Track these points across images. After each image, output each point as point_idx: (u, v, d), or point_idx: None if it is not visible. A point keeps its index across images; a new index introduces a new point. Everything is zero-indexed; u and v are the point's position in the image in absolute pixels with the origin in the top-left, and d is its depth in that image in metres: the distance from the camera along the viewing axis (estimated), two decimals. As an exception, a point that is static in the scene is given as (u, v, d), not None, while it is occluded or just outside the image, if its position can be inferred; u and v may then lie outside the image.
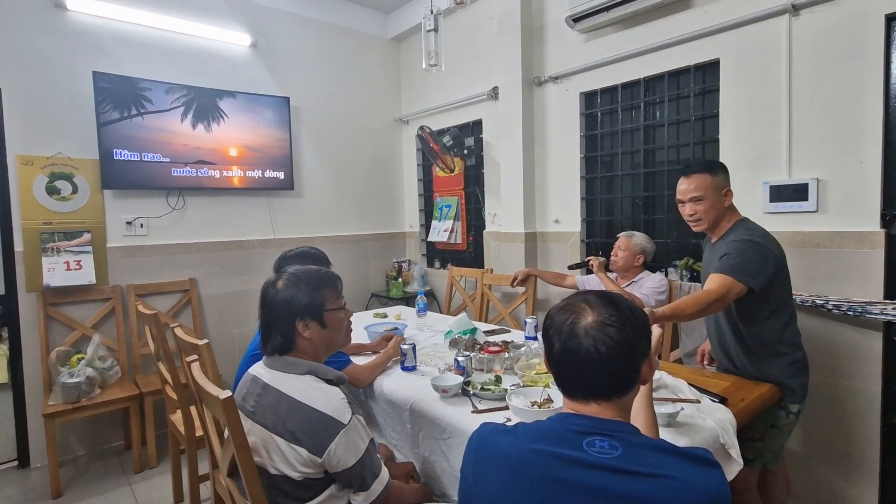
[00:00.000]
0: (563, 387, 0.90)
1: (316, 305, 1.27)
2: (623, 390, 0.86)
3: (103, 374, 2.66)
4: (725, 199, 1.75)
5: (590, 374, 0.85)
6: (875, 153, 1.92)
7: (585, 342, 0.84)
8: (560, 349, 0.87)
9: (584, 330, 0.85)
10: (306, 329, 1.26)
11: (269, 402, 1.21)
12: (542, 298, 3.17)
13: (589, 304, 0.88)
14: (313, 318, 1.27)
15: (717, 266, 1.63)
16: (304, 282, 1.29)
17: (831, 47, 2.00)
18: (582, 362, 0.84)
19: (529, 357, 1.84)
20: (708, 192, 1.73)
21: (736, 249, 1.63)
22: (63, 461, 2.73)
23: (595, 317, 0.85)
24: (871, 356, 1.98)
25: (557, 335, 0.88)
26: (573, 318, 0.87)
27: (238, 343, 3.34)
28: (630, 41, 2.65)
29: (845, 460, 2.08)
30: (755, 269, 1.60)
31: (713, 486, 0.78)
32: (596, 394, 0.86)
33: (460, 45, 3.59)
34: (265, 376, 1.26)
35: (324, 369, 1.27)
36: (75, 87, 2.77)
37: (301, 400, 1.18)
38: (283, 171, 3.48)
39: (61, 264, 2.70)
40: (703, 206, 1.74)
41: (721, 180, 1.75)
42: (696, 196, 1.74)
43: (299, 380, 1.23)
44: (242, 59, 3.39)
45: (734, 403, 1.48)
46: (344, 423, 1.15)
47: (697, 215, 1.76)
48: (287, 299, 1.26)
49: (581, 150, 2.98)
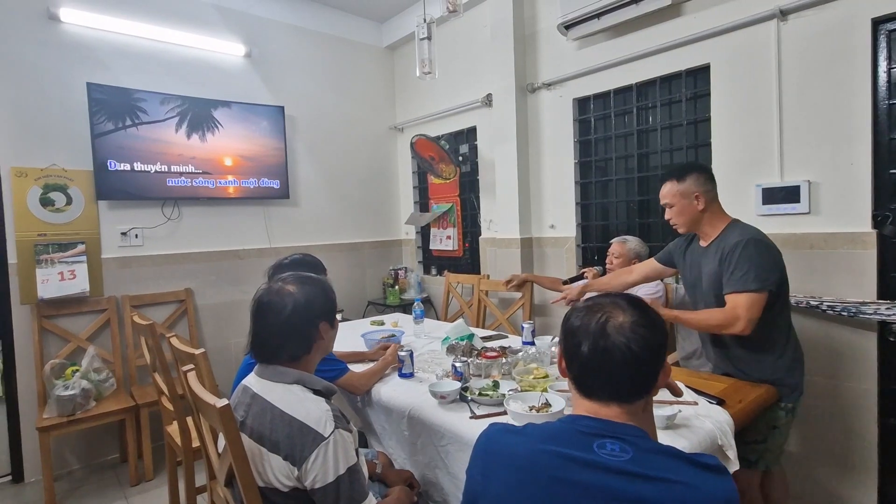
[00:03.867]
0: (585, 389, 0.88)
1: (332, 305, 1.31)
2: (646, 392, 0.86)
3: (98, 386, 2.64)
4: (697, 203, 1.73)
5: (619, 374, 0.84)
6: (865, 155, 1.95)
7: (619, 340, 0.83)
8: (591, 348, 0.85)
9: (617, 329, 0.84)
10: (328, 329, 1.29)
11: (256, 413, 1.19)
12: (538, 304, 3.17)
13: (618, 306, 0.87)
14: (329, 319, 1.29)
15: (731, 284, 1.59)
16: (311, 284, 1.29)
17: (819, 51, 2.03)
18: (614, 361, 0.84)
19: (527, 362, 1.83)
20: (675, 198, 1.76)
21: (736, 262, 1.60)
22: (58, 475, 2.70)
23: (626, 317, 0.85)
24: (867, 356, 1.99)
25: (586, 335, 0.86)
26: (604, 317, 0.86)
27: (234, 353, 3.33)
28: (622, 47, 2.68)
29: (843, 460, 2.08)
30: (762, 270, 1.58)
31: (721, 493, 0.78)
32: (620, 395, 0.85)
33: (454, 53, 3.62)
34: (255, 386, 1.24)
35: (312, 379, 1.24)
36: (69, 99, 2.77)
37: (284, 410, 1.16)
38: (278, 179, 3.48)
39: (55, 276, 2.69)
40: (673, 212, 1.79)
41: (690, 185, 1.73)
42: (665, 203, 1.80)
43: (286, 389, 1.20)
44: (237, 69, 3.40)
45: (732, 405, 1.48)
46: (324, 436, 1.11)
47: (672, 220, 1.81)
48: (307, 299, 1.25)
49: (575, 156, 3.00)
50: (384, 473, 1.56)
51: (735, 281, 1.60)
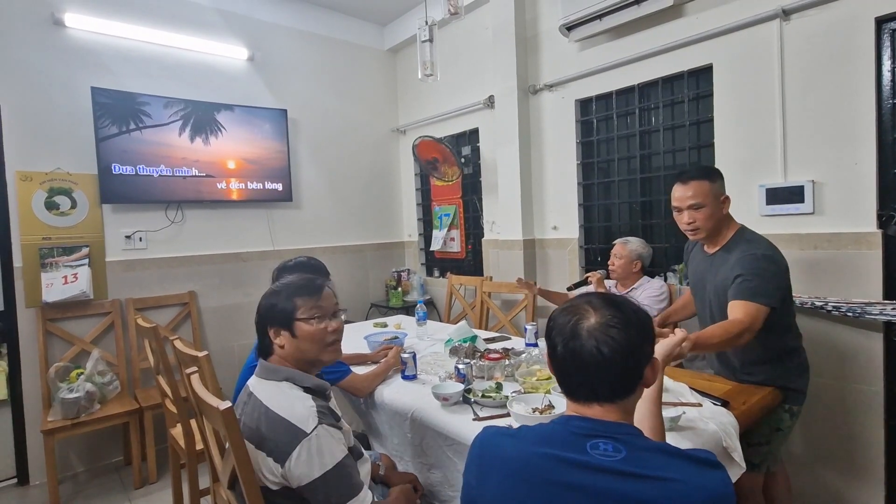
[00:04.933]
0: (565, 388, 0.90)
1: (286, 313, 1.25)
2: (625, 392, 0.86)
3: (102, 388, 2.64)
4: (724, 207, 1.70)
5: (592, 376, 0.85)
6: (869, 154, 1.94)
7: (588, 343, 0.84)
8: (563, 350, 0.87)
9: (587, 331, 0.85)
10: (277, 336, 1.26)
11: (249, 411, 1.20)
12: (541, 305, 3.16)
13: (592, 306, 0.88)
14: (282, 326, 1.25)
15: (737, 291, 1.56)
16: (283, 288, 1.29)
17: (823, 51, 2.02)
18: (584, 363, 0.84)
19: (530, 364, 1.83)
20: (707, 199, 1.66)
21: (750, 269, 1.57)
22: (62, 478, 2.70)
23: (598, 318, 0.85)
24: (872, 357, 1.98)
25: (560, 336, 0.87)
26: (576, 319, 0.87)
27: (238, 356, 3.33)
28: (624, 48, 2.68)
29: (849, 463, 2.07)
30: (773, 287, 1.56)
31: (717, 488, 0.78)
32: (598, 395, 0.86)
33: (456, 56, 3.62)
34: (252, 384, 1.27)
35: (302, 377, 1.24)
36: (74, 103, 2.78)
37: (271, 407, 1.17)
38: (281, 182, 3.49)
39: (59, 279, 2.70)
40: (703, 214, 1.67)
41: (719, 187, 1.70)
42: (695, 203, 1.67)
43: (275, 387, 1.22)
44: (240, 73, 3.41)
45: (736, 407, 1.47)
46: (306, 432, 1.10)
47: (696, 224, 1.69)
48: (264, 306, 1.28)
49: (577, 157, 2.99)
50: (387, 475, 1.56)
51: (740, 290, 1.56)
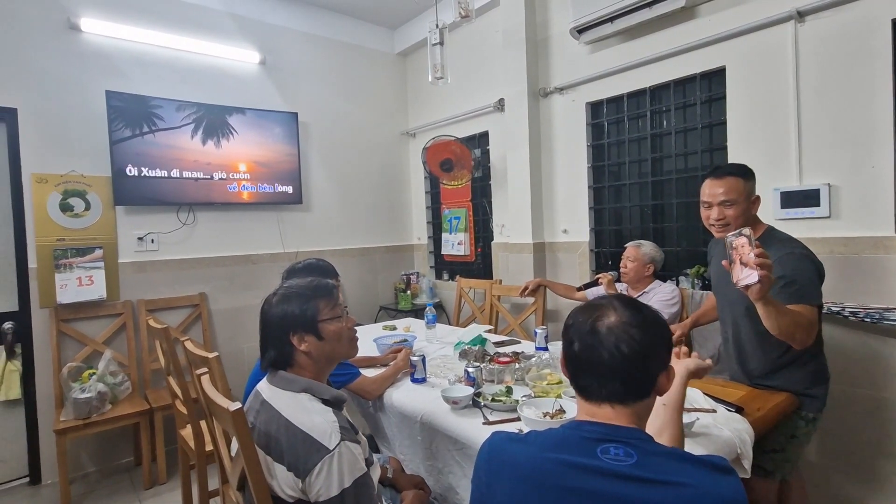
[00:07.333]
0: (579, 387, 0.89)
1: (309, 317, 1.22)
2: (638, 395, 0.85)
3: (114, 389, 2.67)
4: (754, 207, 1.68)
5: (608, 374, 0.84)
6: (887, 158, 1.90)
7: (607, 340, 0.83)
8: (580, 346, 0.86)
9: (608, 328, 0.84)
10: (302, 342, 1.22)
11: (264, 420, 1.17)
12: (551, 309, 3.14)
13: (613, 306, 0.88)
14: (308, 330, 1.22)
15: (787, 295, 1.50)
16: (297, 294, 1.25)
17: (838, 53, 2.00)
18: (601, 361, 0.84)
19: (540, 367, 1.82)
20: (740, 197, 1.63)
21: (793, 270, 1.52)
22: (73, 477, 2.73)
23: (619, 317, 0.85)
24: (891, 364, 1.94)
25: (578, 333, 0.87)
26: (596, 316, 0.87)
27: (248, 357, 3.34)
28: (635, 51, 2.66)
29: (868, 473, 2.02)
30: (817, 285, 1.54)
31: (729, 493, 0.76)
32: (612, 396, 0.85)
33: (466, 59, 3.63)
34: (265, 392, 1.23)
35: (321, 388, 1.21)
36: (89, 107, 2.82)
37: (290, 419, 1.13)
38: (291, 185, 3.51)
39: (73, 280, 2.73)
40: (734, 211, 1.64)
41: (752, 186, 1.67)
42: (727, 200, 1.64)
43: (293, 398, 1.18)
44: (251, 76, 3.44)
45: (751, 413, 1.45)
46: (329, 448, 1.08)
47: (726, 220, 1.65)
48: (280, 314, 1.23)
49: (588, 160, 2.98)
50: (395, 478, 1.56)
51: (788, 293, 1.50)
